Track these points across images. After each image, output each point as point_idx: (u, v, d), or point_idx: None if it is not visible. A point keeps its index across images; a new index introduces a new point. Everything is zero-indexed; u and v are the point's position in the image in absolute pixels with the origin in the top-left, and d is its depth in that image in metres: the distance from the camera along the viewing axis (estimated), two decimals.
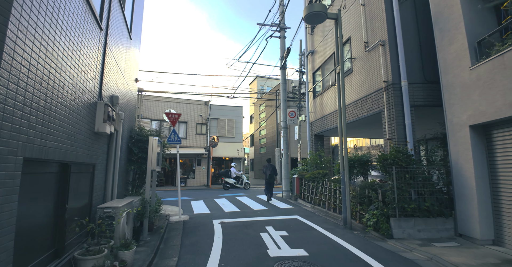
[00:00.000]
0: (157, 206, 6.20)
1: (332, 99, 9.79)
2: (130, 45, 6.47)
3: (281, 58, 11.25)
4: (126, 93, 6.22)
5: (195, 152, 19.15)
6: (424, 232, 5.65)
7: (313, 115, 11.54)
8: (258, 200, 10.35)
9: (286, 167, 10.92)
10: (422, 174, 5.91)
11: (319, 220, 6.97)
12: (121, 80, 5.60)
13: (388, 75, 6.88)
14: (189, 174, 19.90)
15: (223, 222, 6.63)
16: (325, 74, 10.43)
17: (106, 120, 3.90)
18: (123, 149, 6.14)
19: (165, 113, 7.57)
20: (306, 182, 9.94)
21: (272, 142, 25.36)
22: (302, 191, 10.18)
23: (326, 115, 10.23)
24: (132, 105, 7.16)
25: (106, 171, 4.65)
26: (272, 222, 6.53)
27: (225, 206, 9.01)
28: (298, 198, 10.34)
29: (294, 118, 11.33)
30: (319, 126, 10.89)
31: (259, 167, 28.50)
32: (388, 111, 6.75)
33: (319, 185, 8.97)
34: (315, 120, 11.26)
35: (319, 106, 10.90)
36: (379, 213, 5.71)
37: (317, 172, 9.37)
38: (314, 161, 10.25)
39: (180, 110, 19.69)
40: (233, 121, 21.43)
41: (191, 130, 20.06)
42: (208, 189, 17.53)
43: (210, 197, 11.86)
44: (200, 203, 9.84)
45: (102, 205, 3.91)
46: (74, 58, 3.07)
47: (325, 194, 8.50)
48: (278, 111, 24.54)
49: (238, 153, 20.63)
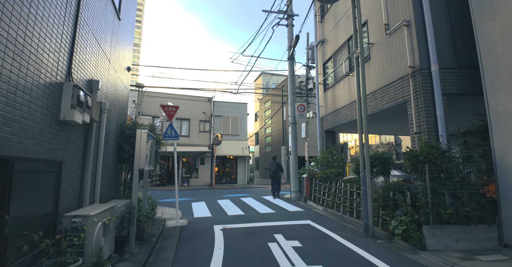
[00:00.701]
0: (150, 210, 5.40)
1: (346, 91, 8.88)
2: (119, 28, 5.68)
3: (288, 48, 10.37)
4: (113, 81, 5.43)
5: (198, 150, 18.39)
6: (463, 242, 4.75)
7: (323, 110, 10.64)
8: (264, 202, 9.50)
9: (295, 166, 10.05)
10: (459, 173, 5.01)
11: (334, 226, 6.11)
12: (104, 64, 4.80)
13: (415, 60, 5.97)
14: (192, 173, 19.15)
15: (226, 228, 5.80)
16: (337, 64, 9.52)
17: (75, 106, 3.10)
18: (111, 145, 5.35)
19: (161, 106, 6.78)
20: (317, 182, 9.06)
21: (278, 140, 24.49)
22: (313, 192, 9.31)
23: (338, 109, 9.33)
24: (123, 96, 6.37)
25: (83, 170, 3.85)
26: (281, 229, 5.68)
27: (229, 209, 8.19)
28: (308, 200, 9.48)
29: (303, 112, 10.44)
30: (330, 121, 9.99)
31: (265, 166, 27.66)
32: (416, 101, 5.84)
33: (332, 185, 8.10)
34: (326, 115, 10.36)
35: (331, 99, 10.00)
36: (408, 220, 4.83)
37: (329, 171, 8.49)
38: (325, 159, 9.37)
39: (182, 107, 18.95)
40: (237, 118, 20.61)
41: (194, 128, 19.30)
42: (211, 188, 16.76)
43: (213, 198, 11.06)
44: (201, 205, 9.04)
45: (71, 212, 3.11)
46: (18, 14, 2.26)
47: (339, 195, 7.62)
48: (284, 108, 23.68)
49: (242, 151, 19.82)
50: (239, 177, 20.22)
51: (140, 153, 4.28)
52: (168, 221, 6.63)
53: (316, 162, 9.90)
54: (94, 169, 4.33)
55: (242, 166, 20.37)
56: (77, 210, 3.25)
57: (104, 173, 4.90)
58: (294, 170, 9.99)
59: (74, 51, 3.35)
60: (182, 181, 18.44)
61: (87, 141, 3.93)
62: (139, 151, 4.28)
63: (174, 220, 6.62)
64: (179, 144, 18.57)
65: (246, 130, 20.83)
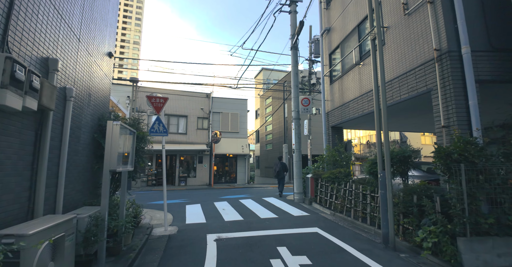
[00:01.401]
0: (131, 218, 4.57)
1: (356, 83, 8.02)
2: (94, 3, 4.83)
3: (292, 36, 9.50)
4: (86, 65, 4.58)
5: (196, 148, 17.57)
6: (506, 257, 3.93)
7: (329, 104, 9.79)
8: (265, 204, 8.67)
9: (298, 165, 9.22)
10: (499, 174, 4.16)
11: (346, 234, 5.28)
12: (71, 43, 3.95)
13: (441, 42, 5.11)
14: (189, 173, 18.34)
15: (221, 238, 4.98)
16: (345, 53, 8.65)
17: (7, 85, 2.26)
18: (84, 141, 4.52)
19: (147, 97, 5.94)
20: (323, 183, 8.22)
21: (279, 137, 23.65)
22: (318, 194, 8.48)
23: (347, 103, 8.47)
24: (102, 85, 5.52)
25: (34, 172, 3.02)
26: (285, 239, 4.85)
27: (226, 213, 7.37)
28: (313, 202, 8.65)
29: (308, 106, 9.58)
30: (337, 116, 9.13)
31: (265, 164, 26.83)
32: (443, 90, 4.99)
33: (341, 187, 7.26)
34: (333, 110, 9.51)
35: (338, 92, 9.14)
36: (439, 231, 4.01)
37: (337, 171, 7.65)
38: (331, 157, 8.53)
39: (179, 103, 18.14)
40: (237, 115, 19.75)
41: (191, 125, 18.46)
42: (210, 188, 15.95)
43: (210, 199, 10.24)
44: (196, 208, 8.21)
45: (3, 230, 2.29)
46: None
47: (349, 198, 6.79)
48: (286, 105, 22.84)
49: (242, 149, 18.98)
50: (239, 176, 19.40)
51: (112, 150, 3.45)
52: (155, 229, 5.80)
53: (321, 160, 9.06)
54: (56, 170, 3.50)
55: (242, 164, 19.55)
56: (11, 227, 2.42)
57: (73, 174, 4.08)
58: (297, 170, 9.16)
59: (13, 14, 2.51)
60: (179, 181, 17.64)
61: (41, 135, 3.09)
62: (110, 147, 3.45)
63: (162, 228, 5.80)
64: (176, 142, 17.76)
65: (246, 127, 19.99)
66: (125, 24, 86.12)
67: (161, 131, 5.83)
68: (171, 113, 17.99)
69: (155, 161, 17.61)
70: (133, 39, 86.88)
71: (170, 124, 18.08)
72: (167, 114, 17.95)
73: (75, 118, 4.12)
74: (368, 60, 7.49)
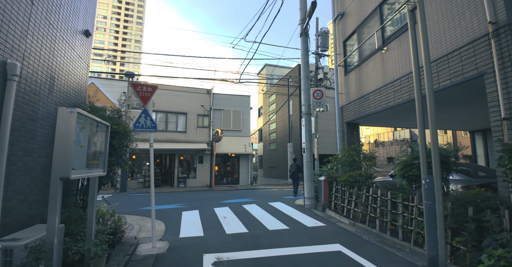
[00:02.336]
0: (102, 240, 3.52)
1: (378, 71, 6.96)
2: None
3: (301, 21, 8.43)
4: (46, 40, 3.56)
5: (196, 147, 16.55)
6: None
7: (344, 98, 8.72)
8: (272, 211, 7.64)
9: (309, 166, 8.16)
10: None
11: (376, 253, 4.23)
12: (18, 4, 2.92)
13: (498, 13, 4.04)
14: (189, 173, 17.33)
15: (221, 260, 3.94)
16: (364, 39, 7.58)
17: None
18: (44, 138, 3.50)
19: (132, 85, 4.90)
20: (339, 187, 7.17)
21: (284, 136, 22.59)
22: (333, 199, 7.43)
23: (366, 95, 7.40)
24: (74, 69, 4.49)
25: None
26: (303, 262, 3.81)
27: (227, 222, 6.34)
28: (326, 208, 7.60)
29: (320, 100, 8.49)
30: (354, 111, 8.07)
31: (269, 164, 25.79)
32: (503, 72, 3.91)
33: (362, 192, 6.22)
34: (348, 104, 8.44)
35: (355, 84, 8.07)
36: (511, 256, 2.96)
37: (356, 174, 6.59)
38: (349, 157, 7.47)
39: (178, 100, 17.15)
40: (239, 112, 18.71)
41: (191, 123, 17.44)
42: (210, 190, 14.93)
43: (210, 203, 9.22)
44: (193, 215, 7.19)
45: None
46: None
47: (373, 206, 5.74)
48: (290, 102, 21.76)
49: (245, 148, 17.94)
50: (241, 177, 18.38)
51: (65, 149, 2.42)
52: (142, 245, 4.78)
53: (335, 161, 8.00)
54: None
55: (245, 164, 18.51)
56: None
57: (23, 180, 3.06)
58: (308, 171, 8.10)
59: None
60: (179, 182, 16.63)
61: None
62: (62, 145, 2.42)
63: (150, 243, 4.77)
64: (175, 141, 16.75)
65: (249, 125, 18.94)
66: (127, 22, 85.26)
67: (148, 126, 4.81)
68: (169, 110, 16.99)
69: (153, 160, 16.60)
70: (135, 38, 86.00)
71: (169, 122, 17.08)
72: (164, 111, 16.96)
73: (27, 106, 3.10)
74: (393, 44, 6.42)
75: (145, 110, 4.82)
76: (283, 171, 22.03)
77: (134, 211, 7.90)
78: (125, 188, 13.99)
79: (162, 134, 16.67)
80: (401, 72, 6.15)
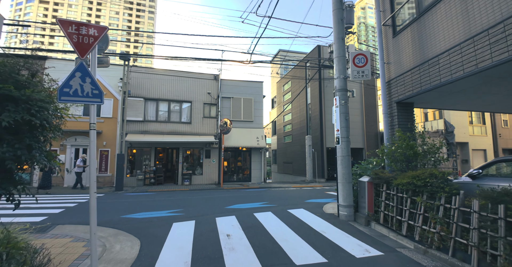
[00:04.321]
0: None
1: (456, 18, 4.61)
2: None
3: None
4: None
5: (202, 140, 14.58)
6: None
7: (392, 69, 6.40)
8: (295, 225, 5.51)
9: (346, 162, 5.93)
10: None
11: None
12: None
13: None
14: (195, 169, 15.42)
15: None
16: None
17: None
18: None
19: (59, 22, 2.82)
20: (394, 193, 4.94)
21: (301, 128, 20.32)
22: (382, 209, 5.21)
23: (434, 58, 5.07)
24: None
25: None
26: None
27: (231, 247, 4.26)
28: (372, 221, 5.40)
29: (364, 68, 6.06)
30: (410, 84, 5.75)
31: (283, 159, 23.61)
32: None
33: (439, 203, 4.00)
34: (399, 76, 6.12)
35: (411, 46, 5.73)
36: None
37: (426, 174, 4.33)
38: (406, 149, 5.19)
39: (182, 87, 15.20)
40: (250, 100, 16.55)
41: (196, 113, 15.46)
42: (218, 189, 12.96)
43: (213, 209, 7.20)
44: (186, 230, 5.16)
45: None
46: None
47: (461, 225, 3.53)
48: (308, 89, 19.41)
49: (258, 141, 15.82)
50: (253, 174, 16.31)
51: None
52: None
53: (383, 154, 5.74)
54: None
55: (258, 159, 16.41)
56: None
57: None
58: (345, 170, 5.88)
59: None
60: (183, 179, 14.75)
61: None
62: None
63: None
64: (179, 133, 14.83)
65: (261, 115, 16.77)
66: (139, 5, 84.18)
67: (86, 94, 2.74)
68: (172, 98, 15.05)
69: (154, 155, 14.79)
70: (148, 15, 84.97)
71: (172, 112, 15.16)
72: (167, 100, 15.03)
73: None
74: None
75: (82, 66, 2.75)
76: (300, 167, 19.81)
77: (112, 221, 5.98)
78: (121, 186, 12.21)
79: (164, 125, 14.78)
80: (504, 11, 3.81)
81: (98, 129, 13.66)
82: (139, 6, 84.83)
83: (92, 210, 2.85)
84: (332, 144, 17.13)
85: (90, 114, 2.85)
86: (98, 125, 13.73)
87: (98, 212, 6.97)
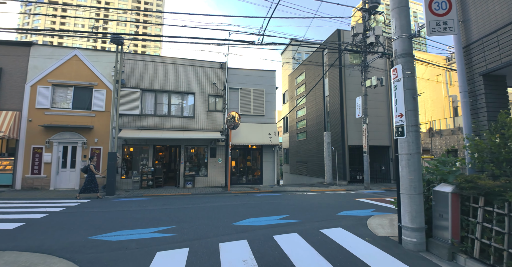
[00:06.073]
0: None
1: None
2: None
3: None
4: None
5: (207, 136, 12.77)
6: None
7: (473, 27, 4.42)
8: (341, 259, 3.64)
9: (415, 162, 3.99)
10: None
11: None
12: None
13: None
14: (199, 170, 13.64)
15: None
16: None
17: None
18: None
19: None
20: (509, 214, 2.99)
21: (317, 124, 18.32)
22: (479, 235, 3.27)
23: None
24: None
25: None
26: None
27: None
28: (460, 254, 3.46)
29: (445, 16, 4.11)
30: (505, 46, 3.78)
31: (296, 158, 21.65)
32: None
33: None
34: (487, 37, 4.14)
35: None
36: None
37: None
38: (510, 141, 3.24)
39: (184, 76, 13.46)
40: (261, 92, 14.66)
41: (200, 106, 13.67)
42: (224, 193, 11.16)
43: (216, 228, 5.37)
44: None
45: None
46: None
47: None
48: (326, 80, 17.38)
49: (270, 138, 13.94)
50: (265, 175, 14.43)
51: None
52: None
53: (472, 150, 3.79)
54: None
55: (270, 159, 14.52)
56: None
57: None
58: (413, 173, 3.94)
59: None
60: (185, 181, 12.99)
61: None
62: None
63: None
64: (180, 128, 13.07)
65: (274, 109, 14.87)
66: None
67: None
68: (173, 89, 13.30)
69: (153, 153, 13.07)
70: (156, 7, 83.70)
71: (172, 105, 13.42)
72: (167, 91, 13.28)
73: None
74: None
75: None
76: (316, 167, 17.82)
77: (73, 244, 4.19)
78: (113, 189, 10.52)
79: (163, 120, 13.04)
80: None
81: (89, 124, 12.02)
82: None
83: None
84: (355, 141, 15.09)
85: None
86: (89, 120, 12.08)
87: (65, 228, 5.21)
